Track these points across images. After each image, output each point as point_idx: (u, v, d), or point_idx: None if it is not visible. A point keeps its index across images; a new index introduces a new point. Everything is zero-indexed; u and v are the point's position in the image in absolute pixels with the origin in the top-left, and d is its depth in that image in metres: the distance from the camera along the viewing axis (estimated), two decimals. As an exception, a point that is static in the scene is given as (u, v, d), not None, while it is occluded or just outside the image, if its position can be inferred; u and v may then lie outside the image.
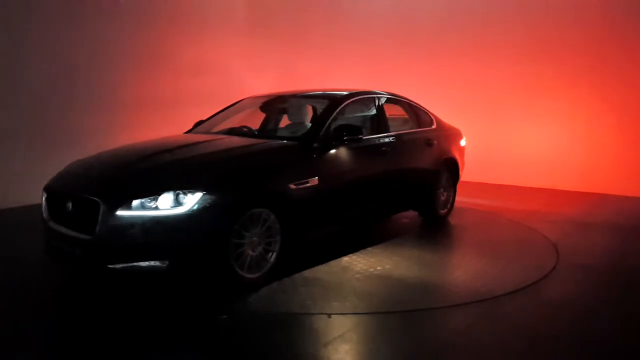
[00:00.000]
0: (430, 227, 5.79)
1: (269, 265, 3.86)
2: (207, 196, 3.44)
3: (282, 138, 4.62)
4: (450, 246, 5.26)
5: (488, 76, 8.08)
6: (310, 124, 4.85)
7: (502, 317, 3.45)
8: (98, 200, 3.42)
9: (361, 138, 4.57)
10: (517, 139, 8.08)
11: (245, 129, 5.13)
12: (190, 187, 3.43)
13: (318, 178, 4.19)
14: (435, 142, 5.77)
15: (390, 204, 5.31)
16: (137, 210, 3.36)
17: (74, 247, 3.53)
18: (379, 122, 5.18)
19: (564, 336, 3.20)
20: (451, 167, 6.06)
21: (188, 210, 3.37)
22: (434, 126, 5.91)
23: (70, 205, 3.60)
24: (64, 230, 3.61)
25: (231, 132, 4.95)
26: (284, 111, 5.42)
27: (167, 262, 3.36)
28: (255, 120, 5.52)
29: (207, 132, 4.96)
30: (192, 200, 3.39)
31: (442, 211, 5.97)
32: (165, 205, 3.38)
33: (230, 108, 5.49)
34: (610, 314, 3.54)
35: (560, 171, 7.71)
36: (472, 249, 5.17)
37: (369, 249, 4.79)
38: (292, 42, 9.32)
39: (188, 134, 4.99)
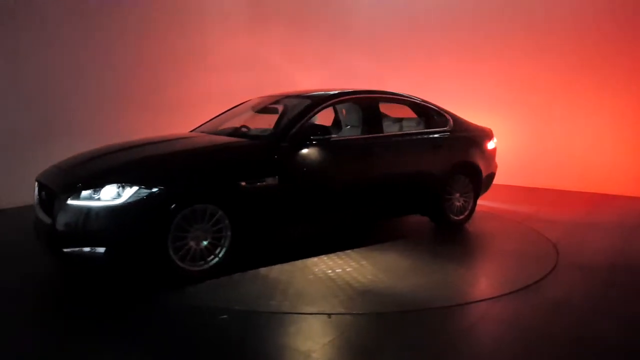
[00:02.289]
0: (432, 229, 5.59)
1: (216, 260, 3.97)
2: (143, 190, 3.65)
3: (255, 137, 4.68)
4: (441, 250, 4.95)
5: (487, 74, 8.08)
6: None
7: (502, 317, 3.46)
8: (55, 189, 3.81)
9: (329, 138, 4.51)
10: (516, 139, 7.78)
11: (244, 129, 5.27)
12: (128, 181, 3.67)
13: (278, 177, 4.21)
14: (446, 144, 5.46)
15: (382, 207, 5.12)
16: (84, 200, 3.67)
17: (43, 231, 3.94)
18: (371, 122, 5.03)
19: (564, 336, 3.19)
20: (469, 172, 5.68)
21: (123, 202, 3.61)
22: (448, 127, 5.58)
23: (43, 193, 4.04)
24: (41, 215, 4.05)
25: (234, 131, 5.05)
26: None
27: (104, 250, 3.62)
28: (263, 120, 5.64)
29: (208, 131, 5.15)
30: (128, 193, 3.63)
31: (457, 217, 5.63)
32: (107, 197, 3.65)
33: (239, 107, 5.66)
34: (610, 314, 3.52)
35: (560, 171, 7.71)
36: (470, 250, 5.16)
37: (348, 251, 4.71)
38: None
39: (176, 133, 5.16)
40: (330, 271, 4.19)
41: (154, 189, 3.69)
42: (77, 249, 3.68)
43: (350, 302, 3.62)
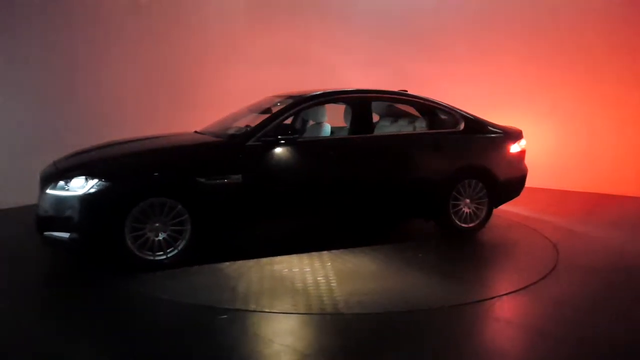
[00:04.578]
0: (437, 234, 5.36)
1: (175, 252, 4.18)
2: (102, 182, 3.98)
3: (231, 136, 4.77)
4: (426, 255, 4.74)
5: (484, 73, 7.93)
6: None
7: (502, 317, 3.52)
8: (41, 180, 4.30)
9: (296, 139, 4.50)
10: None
11: (247, 128, 5.42)
12: (91, 174, 4.02)
13: (242, 175, 4.31)
14: (450, 145, 5.15)
15: (367, 209, 4.97)
16: (58, 190, 4.09)
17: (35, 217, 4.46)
18: (359, 122, 4.91)
19: (564, 336, 3.23)
20: (482, 176, 5.28)
21: (84, 194, 3.96)
22: (457, 128, 5.24)
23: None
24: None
25: (225, 131, 5.18)
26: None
27: (68, 235, 4.01)
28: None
29: (207, 131, 5.32)
30: (88, 185, 3.97)
31: (466, 225, 5.26)
32: (74, 187, 4.03)
33: (250, 105, 5.80)
34: (611, 314, 3.55)
35: (560, 171, 7.64)
36: (469, 251, 4.99)
37: (324, 251, 4.68)
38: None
39: (165, 133, 5.28)
40: (286, 270, 4.21)
41: (112, 182, 4.01)
42: (51, 233, 4.11)
43: (276, 301, 3.63)
